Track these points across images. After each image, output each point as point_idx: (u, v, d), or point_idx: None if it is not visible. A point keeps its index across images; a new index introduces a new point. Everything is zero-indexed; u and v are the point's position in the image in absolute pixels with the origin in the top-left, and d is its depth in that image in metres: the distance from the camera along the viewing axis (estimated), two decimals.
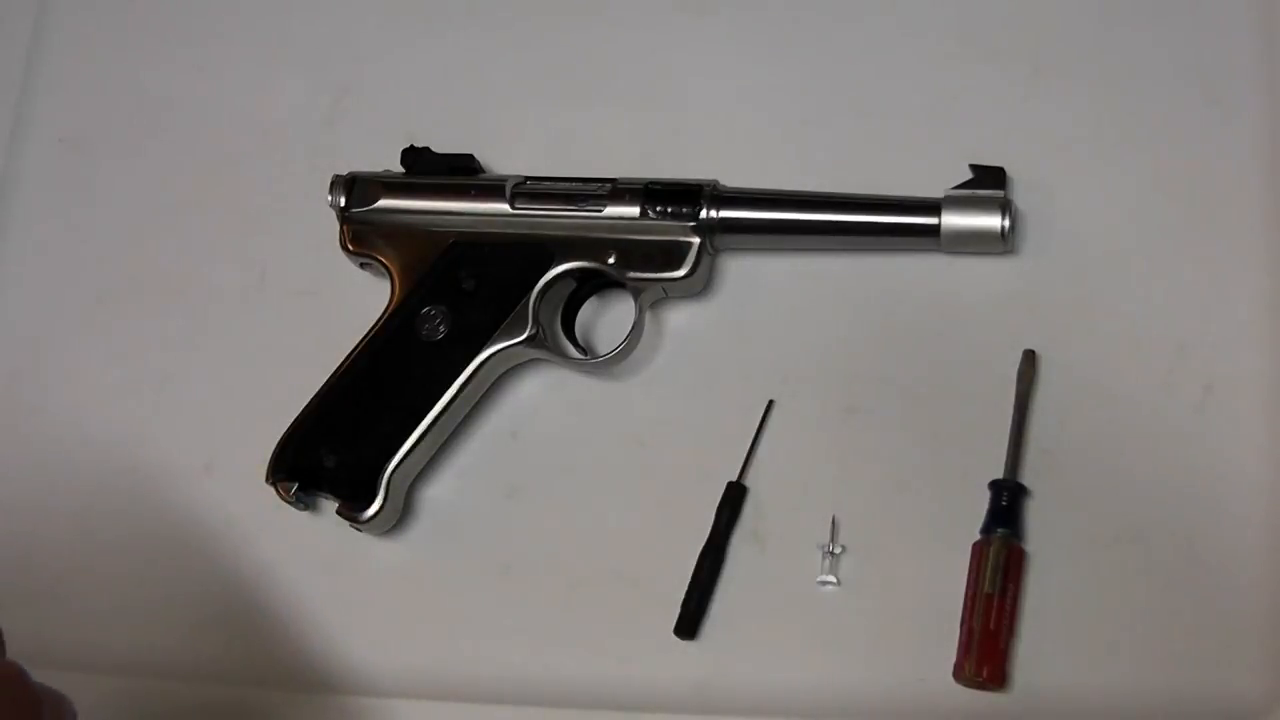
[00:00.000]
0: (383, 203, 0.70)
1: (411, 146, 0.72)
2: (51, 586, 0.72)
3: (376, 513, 0.67)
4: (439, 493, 0.70)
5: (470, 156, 0.71)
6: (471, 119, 0.75)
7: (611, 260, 0.68)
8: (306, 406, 0.68)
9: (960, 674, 0.62)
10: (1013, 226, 0.66)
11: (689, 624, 0.65)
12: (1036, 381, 0.66)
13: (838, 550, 0.65)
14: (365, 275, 0.72)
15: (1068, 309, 0.67)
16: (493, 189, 0.69)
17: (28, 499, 0.74)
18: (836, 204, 0.68)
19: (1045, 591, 0.63)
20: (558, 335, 0.70)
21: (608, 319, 0.71)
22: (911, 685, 0.63)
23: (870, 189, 0.68)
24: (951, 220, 0.66)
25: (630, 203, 0.68)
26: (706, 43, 0.75)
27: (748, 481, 0.67)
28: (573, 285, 0.70)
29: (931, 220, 0.66)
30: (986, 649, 0.61)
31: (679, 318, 0.71)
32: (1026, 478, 0.65)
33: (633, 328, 0.68)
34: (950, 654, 0.62)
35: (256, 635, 0.69)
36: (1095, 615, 0.63)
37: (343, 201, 0.71)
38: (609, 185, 0.68)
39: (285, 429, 0.68)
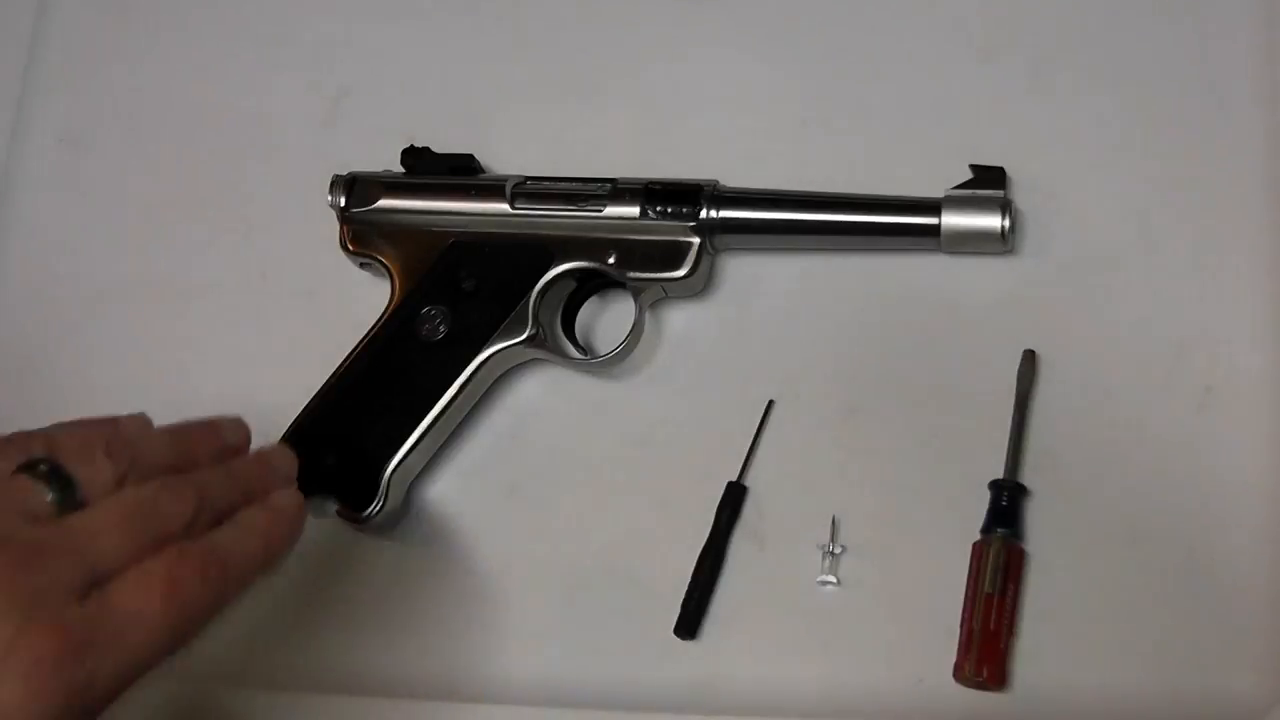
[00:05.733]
0: (383, 203, 0.70)
1: (411, 146, 0.72)
2: None
3: (376, 513, 0.67)
4: (439, 493, 0.70)
5: (470, 156, 0.71)
6: (471, 119, 0.75)
7: (611, 260, 0.68)
8: (306, 406, 0.68)
9: (960, 674, 0.62)
10: (1013, 226, 0.66)
11: (689, 624, 0.65)
12: (1036, 381, 0.66)
13: (838, 550, 0.65)
14: (365, 275, 0.72)
15: (1068, 309, 0.67)
16: (493, 189, 0.69)
17: None
18: (837, 204, 0.67)
19: (1045, 591, 0.63)
20: (558, 335, 0.70)
21: (608, 319, 0.71)
22: (911, 685, 0.63)
23: (870, 189, 0.68)
24: (952, 220, 0.66)
25: (630, 203, 0.68)
26: (706, 43, 0.75)
27: (748, 481, 0.67)
28: (573, 285, 0.70)
29: (932, 220, 0.66)
30: (986, 649, 0.61)
31: (679, 318, 0.71)
32: (1026, 478, 0.65)
33: (633, 328, 0.68)
34: (950, 654, 0.62)
35: (256, 635, 0.69)
36: (1095, 615, 0.63)
37: (343, 201, 0.71)
38: (609, 185, 0.68)
39: (285, 429, 0.68)
